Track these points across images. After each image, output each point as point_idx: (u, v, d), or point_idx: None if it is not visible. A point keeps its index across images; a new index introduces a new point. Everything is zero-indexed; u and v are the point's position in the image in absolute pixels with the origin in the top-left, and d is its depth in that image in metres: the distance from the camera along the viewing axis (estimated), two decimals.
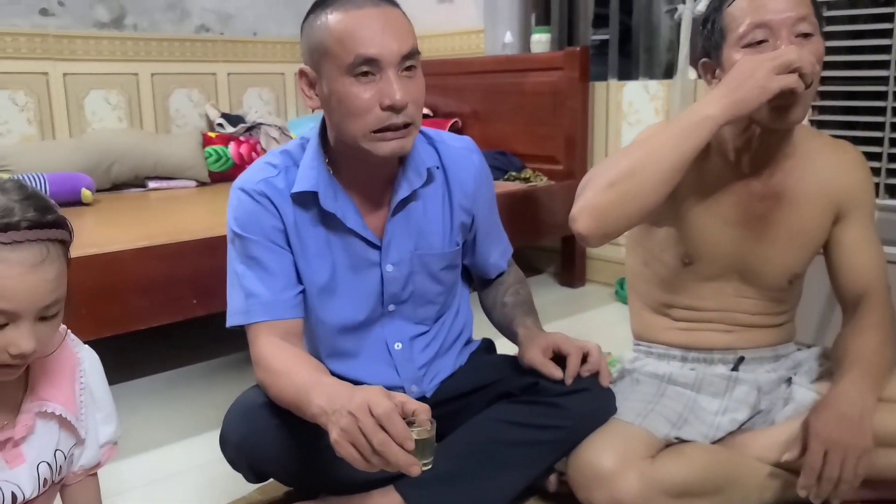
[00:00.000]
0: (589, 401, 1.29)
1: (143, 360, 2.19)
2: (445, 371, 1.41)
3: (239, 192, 1.24)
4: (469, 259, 1.43)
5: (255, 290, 1.22)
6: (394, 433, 0.94)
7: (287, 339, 1.21)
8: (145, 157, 2.87)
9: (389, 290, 1.30)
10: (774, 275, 1.36)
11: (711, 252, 1.36)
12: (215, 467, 1.40)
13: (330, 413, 0.99)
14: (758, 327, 1.41)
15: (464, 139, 1.39)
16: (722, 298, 1.40)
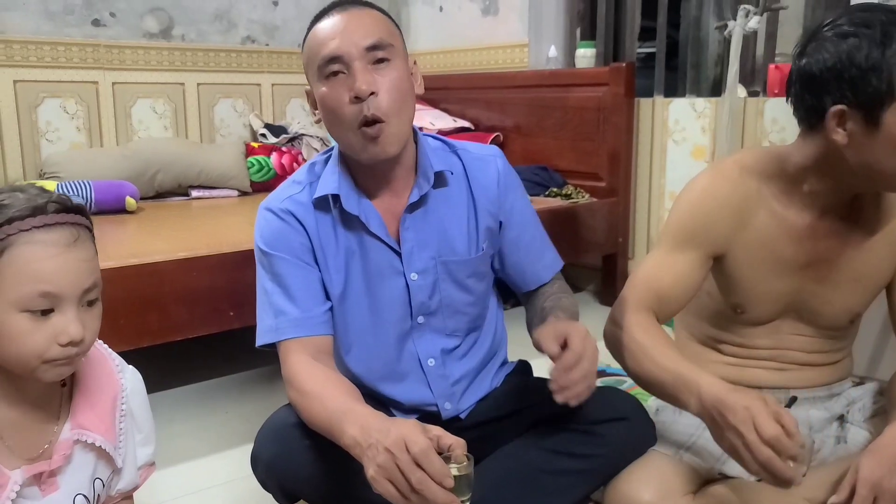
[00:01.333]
0: (627, 430, 1.24)
1: (177, 370, 2.21)
2: (480, 391, 1.38)
3: (265, 212, 1.25)
4: (503, 269, 1.38)
5: (285, 307, 1.21)
6: (431, 472, 0.93)
7: (318, 357, 1.20)
8: (189, 166, 2.91)
9: (417, 299, 1.27)
10: (834, 315, 1.29)
11: (766, 301, 1.29)
12: (245, 484, 1.39)
13: (365, 447, 0.98)
14: (813, 366, 1.34)
15: (488, 147, 1.39)
16: (776, 337, 1.32)
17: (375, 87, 1.15)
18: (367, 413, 1.05)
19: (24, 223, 0.84)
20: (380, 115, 1.15)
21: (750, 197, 1.26)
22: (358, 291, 1.26)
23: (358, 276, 1.26)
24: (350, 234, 1.25)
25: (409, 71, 1.22)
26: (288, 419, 1.21)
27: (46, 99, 2.89)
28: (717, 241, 1.28)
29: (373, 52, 1.15)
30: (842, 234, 1.24)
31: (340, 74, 1.15)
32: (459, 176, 1.31)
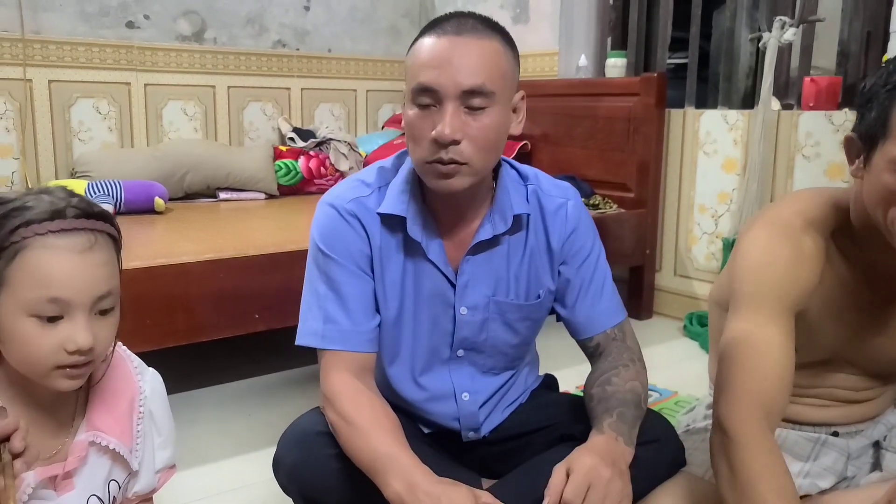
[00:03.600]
0: (658, 452, 1.21)
1: (202, 372, 2.22)
2: (505, 413, 1.36)
3: (328, 207, 1.20)
4: (559, 311, 1.31)
5: (336, 315, 1.18)
6: None
7: (360, 375, 1.18)
8: (218, 168, 2.93)
9: (461, 334, 1.24)
10: (887, 363, 1.23)
11: (816, 348, 1.21)
12: (266, 488, 1.39)
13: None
14: (857, 402, 1.28)
15: (563, 186, 1.30)
16: (822, 378, 1.26)
17: (462, 134, 1.08)
18: (413, 467, 1.03)
19: (40, 227, 0.83)
20: (459, 159, 1.09)
21: (818, 249, 1.15)
22: (407, 315, 1.23)
23: (410, 298, 1.22)
24: (410, 254, 1.21)
25: (507, 115, 1.13)
26: (314, 426, 1.20)
27: (80, 99, 2.92)
28: (799, 300, 1.13)
29: (470, 98, 1.08)
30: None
31: (431, 106, 1.08)
32: (534, 218, 1.25)
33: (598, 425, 1.14)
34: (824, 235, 1.15)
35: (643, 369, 1.26)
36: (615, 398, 1.18)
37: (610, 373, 1.22)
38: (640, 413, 1.19)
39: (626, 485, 1.05)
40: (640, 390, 1.21)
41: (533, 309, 1.28)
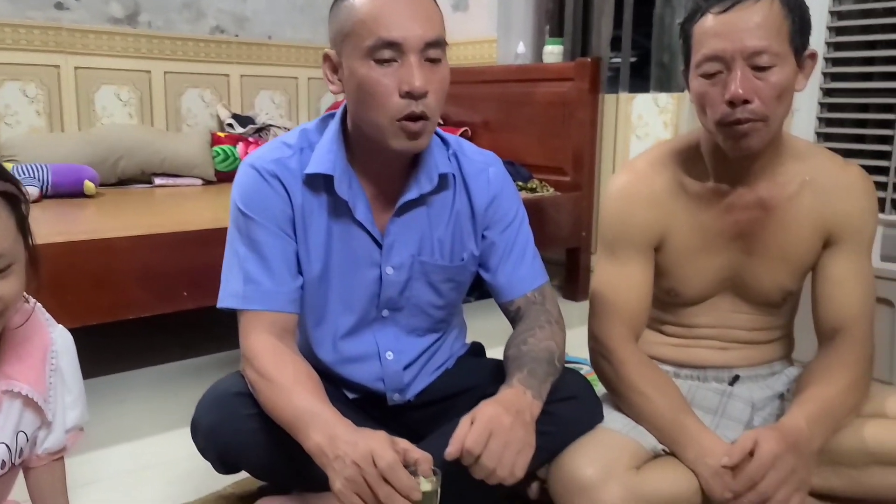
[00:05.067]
0: (575, 408, 1.24)
1: (133, 353, 2.18)
2: (431, 377, 1.37)
3: (248, 168, 1.20)
4: (483, 275, 1.34)
5: (257, 276, 1.17)
6: (399, 486, 0.94)
7: (282, 336, 1.17)
8: (153, 153, 2.88)
9: (386, 293, 1.25)
10: (766, 291, 1.32)
11: (698, 281, 1.32)
12: (191, 462, 1.37)
13: (332, 458, 0.98)
14: (753, 344, 1.36)
15: (485, 153, 1.33)
16: (716, 315, 1.35)
17: (430, 85, 1.10)
18: (334, 420, 1.04)
19: None
20: (427, 113, 1.10)
21: (666, 186, 1.30)
22: (332, 275, 1.23)
23: (336, 259, 1.22)
24: (335, 214, 1.21)
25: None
26: (231, 388, 1.19)
27: (6, 82, 2.84)
28: (651, 237, 1.32)
29: (431, 49, 1.09)
30: (762, 205, 1.26)
31: (391, 61, 1.08)
32: (457, 181, 1.27)
33: (508, 380, 1.17)
34: (677, 172, 1.30)
35: (560, 331, 1.29)
36: (528, 356, 1.21)
37: (526, 333, 1.25)
38: (554, 370, 1.21)
39: (529, 434, 1.08)
40: (555, 349, 1.24)
41: (456, 271, 1.29)
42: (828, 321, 1.29)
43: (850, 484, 1.20)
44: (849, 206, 1.26)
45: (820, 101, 2.15)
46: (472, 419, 1.07)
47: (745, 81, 1.11)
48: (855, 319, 1.26)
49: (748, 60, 1.12)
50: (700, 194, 1.29)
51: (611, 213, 1.35)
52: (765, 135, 1.16)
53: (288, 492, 1.25)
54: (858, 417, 1.22)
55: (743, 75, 1.11)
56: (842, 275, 1.27)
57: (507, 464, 1.04)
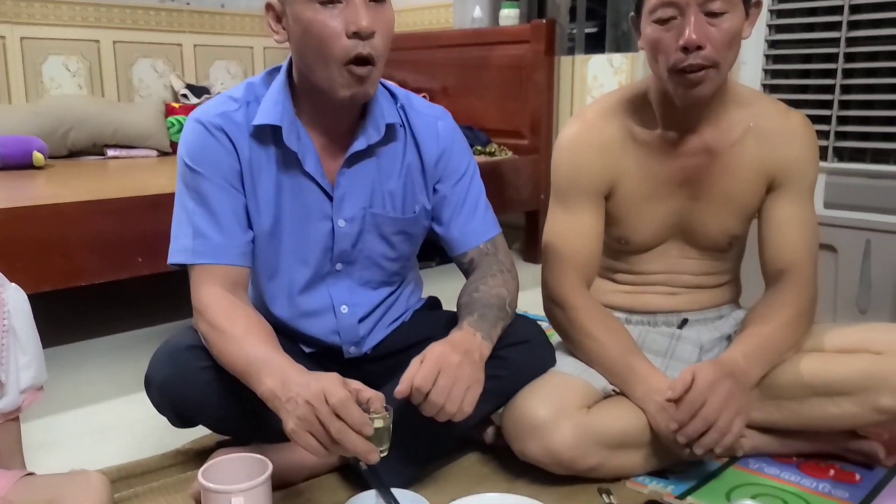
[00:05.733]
0: (528, 352, 1.27)
1: (91, 323, 2.16)
2: (387, 331, 1.38)
3: (194, 123, 1.18)
4: (435, 228, 1.34)
5: (205, 230, 1.17)
6: (351, 421, 0.95)
7: (233, 289, 1.17)
8: (104, 124, 2.82)
9: (339, 246, 1.26)
10: (713, 236, 1.35)
11: (648, 228, 1.36)
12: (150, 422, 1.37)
13: (284, 400, 0.99)
14: (701, 288, 1.40)
15: (434, 106, 1.33)
16: (666, 261, 1.39)
17: (377, 25, 1.09)
18: (286, 365, 1.05)
19: None
20: (374, 55, 1.10)
21: (616, 135, 1.33)
22: (284, 229, 1.23)
23: (286, 213, 1.22)
24: (284, 168, 1.20)
25: None
26: (184, 341, 1.19)
27: None
28: (600, 185, 1.34)
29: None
30: (708, 151, 1.30)
31: (336, 3, 1.07)
32: (406, 134, 1.27)
33: (459, 324, 1.19)
34: (626, 120, 1.33)
35: (513, 279, 1.31)
36: (479, 302, 1.23)
37: (478, 282, 1.27)
38: (505, 315, 1.24)
39: (477, 371, 1.10)
40: (506, 295, 1.26)
41: (408, 223, 1.30)
42: (773, 264, 1.33)
43: (792, 416, 1.25)
44: (791, 151, 1.30)
45: (765, 53, 2.19)
46: (421, 359, 1.09)
47: (699, 27, 1.13)
48: (798, 261, 1.30)
49: (702, 6, 1.14)
50: (649, 142, 1.32)
51: (561, 163, 1.37)
52: (715, 81, 1.19)
53: (246, 445, 1.25)
54: (798, 353, 1.26)
55: (697, 21, 1.13)
56: (785, 218, 1.31)
57: (456, 400, 1.06)
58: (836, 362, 1.21)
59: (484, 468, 1.31)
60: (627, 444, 1.23)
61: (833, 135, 2.08)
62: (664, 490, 1.21)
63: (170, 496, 1.21)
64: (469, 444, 1.37)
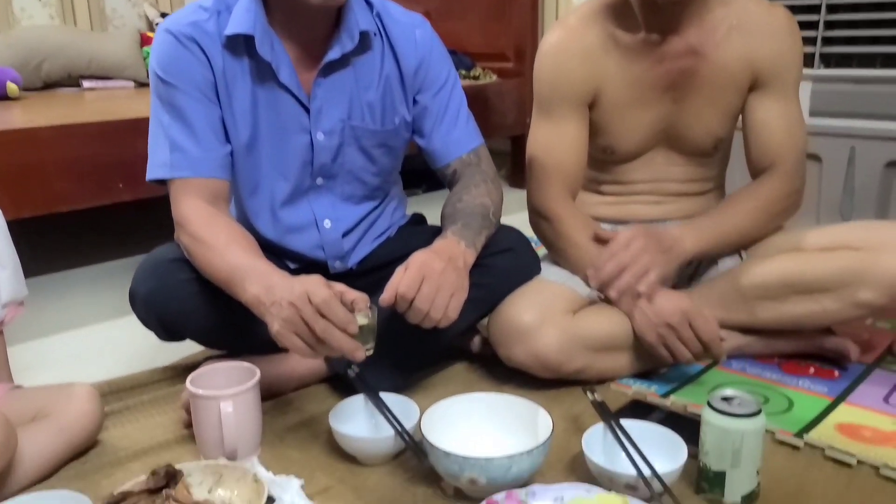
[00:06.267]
0: (512, 260, 1.27)
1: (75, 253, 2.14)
2: (372, 246, 1.38)
3: (164, 33, 1.15)
4: (417, 140, 1.33)
5: (182, 143, 1.15)
6: (335, 320, 0.95)
7: (214, 202, 1.16)
8: (78, 55, 2.74)
9: (319, 160, 1.24)
10: (699, 139, 1.34)
11: (634, 135, 1.34)
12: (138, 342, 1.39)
13: (268, 304, 0.98)
14: (686, 196, 1.40)
15: (412, 14, 1.30)
16: (651, 169, 1.38)
17: None
18: (270, 271, 1.04)
19: None
20: None
21: (598, 40, 1.31)
22: (262, 142, 1.21)
23: (264, 126, 1.20)
24: (259, 79, 1.18)
25: None
26: (167, 255, 1.19)
27: None
28: (583, 93, 1.33)
29: None
30: (693, 52, 1.28)
31: None
32: (383, 42, 1.24)
33: (443, 234, 1.18)
34: (608, 25, 1.31)
35: (496, 189, 1.30)
36: (463, 212, 1.22)
37: (462, 192, 1.26)
38: (489, 224, 1.23)
39: (461, 278, 1.10)
40: (490, 205, 1.25)
41: (388, 135, 1.28)
42: (758, 162, 1.33)
43: (773, 315, 1.26)
44: (775, 45, 1.28)
45: None
46: (405, 267, 1.09)
47: None
48: (782, 156, 1.30)
49: None
50: (632, 46, 1.29)
51: (544, 71, 1.35)
52: None
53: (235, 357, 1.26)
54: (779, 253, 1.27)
55: None
56: (769, 116, 1.31)
57: (440, 306, 1.07)
58: (816, 260, 1.22)
59: (471, 375, 1.33)
60: (612, 348, 1.24)
61: (820, 41, 2.06)
62: (648, 390, 1.23)
63: (161, 408, 1.22)
64: (456, 353, 1.38)
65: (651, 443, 0.96)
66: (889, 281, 1.15)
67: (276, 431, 1.14)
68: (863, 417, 1.12)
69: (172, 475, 0.94)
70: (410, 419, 1.05)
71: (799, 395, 1.20)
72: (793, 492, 0.96)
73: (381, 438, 1.04)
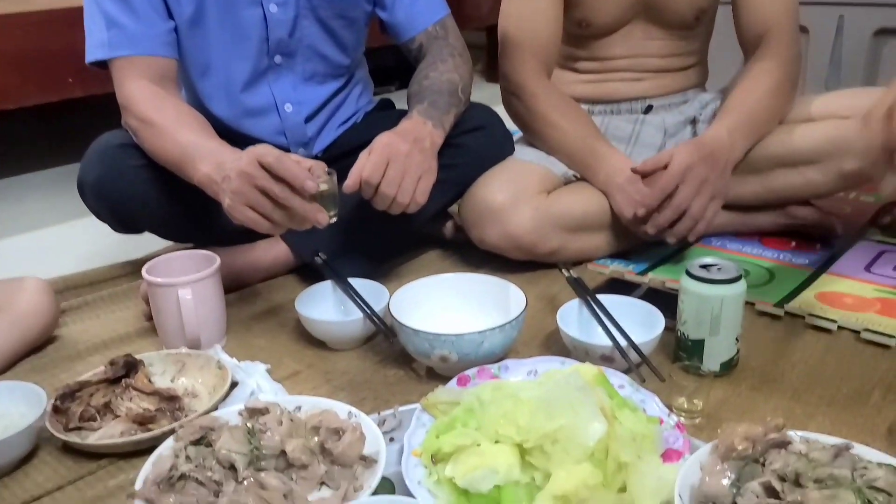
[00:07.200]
0: (483, 138, 1.22)
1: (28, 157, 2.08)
2: (337, 132, 1.31)
3: None
4: (380, 15, 1.25)
5: (119, 18, 1.06)
6: (290, 176, 0.88)
7: (160, 82, 1.08)
8: None
9: (275, 35, 1.15)
10: (680, 10, 1.26)
11: (609, 10, 1.26)
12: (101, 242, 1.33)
13: (220, 181, 0.92)
14: (666, 72, 1.33)
15: None
16: (630, 44, 1.30)
17: None
18: (221, 149, 0.98)
19: None
20: None
21: None
22: (210, 17, 1.12)
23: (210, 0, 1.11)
24: None
25: None
26: (114, 140, 1.12)
27: None
28: None
29: None
30: None
31: None
32: None
33: (408, 114, 1.12)
34: None
35: (465, 63, 1.23)
36: (430, 90, 1.16)
37: (428, 69, 1.20)
38: (457, 101, 1.17)
39: (428, 159, 1.05)
40: (458, 81, 1.18)
41: (346, 6, 1.20)
42: (750, 29, 1.25)
43: (756, 190, 1.22)
44: None
45: None
46: (369, 151, 1.03)
47: None
48: (776, 23, 1.23)
49: None
50: None
51: None
52: None
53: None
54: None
55: None
56: None
57: (407, 190, 1.01)
58: (801, 131, 1.17)
59: (444, 262, 1.29)
60: (588, 228, 1.20)
61: None
62: (625, 269, 1.20)
63: (121, 303, 1.18)
64: (428, 240, 1.34)
65: (628, 316, 0.93)
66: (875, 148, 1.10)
67: (241, 321, 1.10)
68: (844, 286, 1.10)
69: (132, 365, 0.91)
70: (380, 302, 1.01)
71: (780, 268, 1.17)
72: (772, 359, 0.94)
73: (350, 321, 1.00)
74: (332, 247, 1.16)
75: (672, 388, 0.83)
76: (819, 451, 0.62)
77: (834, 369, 0.91)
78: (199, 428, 0.73)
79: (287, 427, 0.73)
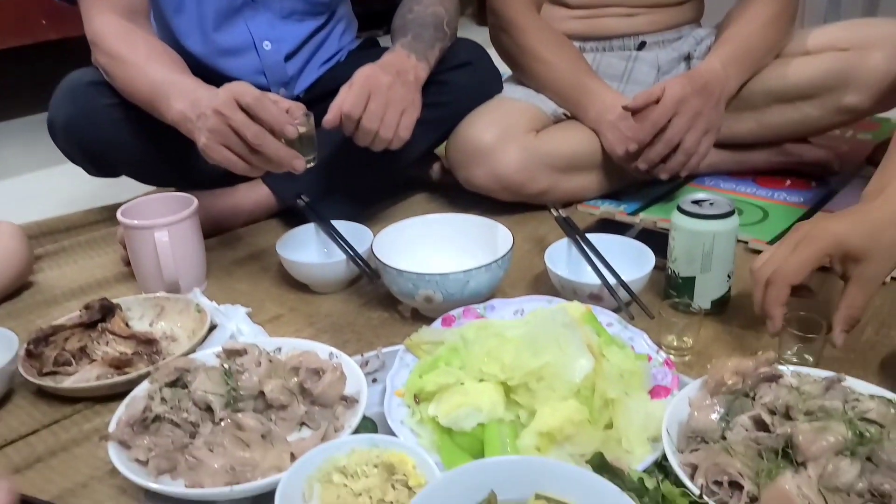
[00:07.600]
0: (470, 74, 1.17)
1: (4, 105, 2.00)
2: (319, 72, 1.26)
3: None
4: None
5: None
6: (267, 118, 0.85)
7: (131, 17, 1.03)
8: None
9: None
10: None
11: None
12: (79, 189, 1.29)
13: (195, 118, 0.88)
14: (660, 7, 1.28)
15: None
16: None
17: None
18: (196, 86, 0.93)
19: None
20: None
21: None
22: None
23: None
24: None
25: None
26: (83, 77, 1.07)
27: None
28: None
29: None
30: None
31: None
32: None
33: (392, 47, 1.08)
34: None
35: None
36: (414, 23, 1.11)
37: (412, 2, 1.15)
38: (443, 35, 1.12)
39: (412, 92, 1.01)
40: (444, 14, 1.14)
41: None
42: None
43: (753, 127, 1.19)
44: None
45: None
46: (349, 84, 0.99)
47: None
48: None
49: None
50: None
51: None
52: None
53: None
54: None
55: None
56: None
57: (390, 124, 0.98)
58: (799, 64, 1.14)
59: (431, 205, 1.26)
60: (578, 167, 1.17)
61: None
62: (616, 209, 1.17)
63: (99, 249, 1.15)
64: (415, 183, 1.31)
65: (618, 256, 0.91)
66: (875, 81, 1.07)
67: (222, 265, 1.08)
68: None
69: (108, 309, 0.88)
70: (364, 245, 0.98)
71: (774, 207, 1.15)
72: None
73: (333, 263, 0.97)
74: (316, 189, 1.13)
75: (661, 326, 0.81)
76: (810, 384, 0.60)
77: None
78: (175, 369, 0.71)
79: (266, 368, 0.71)
